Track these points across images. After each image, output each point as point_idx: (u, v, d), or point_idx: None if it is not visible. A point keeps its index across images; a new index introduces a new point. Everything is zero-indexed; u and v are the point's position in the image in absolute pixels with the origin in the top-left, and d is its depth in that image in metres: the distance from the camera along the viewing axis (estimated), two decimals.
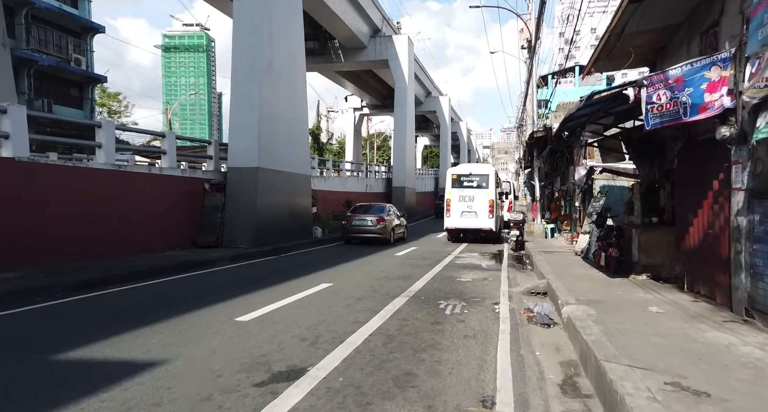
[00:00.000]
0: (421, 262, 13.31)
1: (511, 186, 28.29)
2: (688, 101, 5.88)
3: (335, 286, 9.16)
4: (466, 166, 22.14)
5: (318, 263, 12.74)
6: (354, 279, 10.08)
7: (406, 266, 12.32)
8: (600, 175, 13.53)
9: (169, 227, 13.11)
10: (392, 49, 35.68)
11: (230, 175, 14.75)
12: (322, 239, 19.10)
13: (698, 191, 7.22)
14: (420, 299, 8.09)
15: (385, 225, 18.47)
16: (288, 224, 16.39)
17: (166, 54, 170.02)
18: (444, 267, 12.35)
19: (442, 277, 10.65)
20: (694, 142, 7.57)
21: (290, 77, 16.82)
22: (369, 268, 12.00)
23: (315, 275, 10.45)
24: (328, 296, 8.15)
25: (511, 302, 8.13)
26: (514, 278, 10.92)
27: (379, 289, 8.95)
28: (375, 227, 18.24)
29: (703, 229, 7.09)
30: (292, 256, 14.31)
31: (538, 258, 12.79)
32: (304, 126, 18.13)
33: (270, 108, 15.31)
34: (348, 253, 15.30)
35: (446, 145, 60.48)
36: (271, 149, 15.29)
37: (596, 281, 8.95)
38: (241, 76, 14.91)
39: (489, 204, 19.31)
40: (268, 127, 15.13)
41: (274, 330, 5.85)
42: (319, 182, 24.00)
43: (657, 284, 8.48)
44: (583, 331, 5.10)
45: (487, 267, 12.65)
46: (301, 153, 17.84)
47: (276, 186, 15.67)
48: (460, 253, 16.06)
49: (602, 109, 7.90)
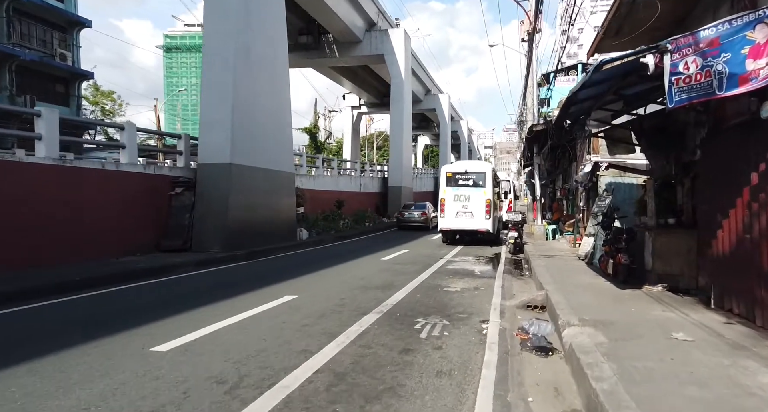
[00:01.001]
0: (408, 267, 12.03)
1: (510, 185, 26.98)
2: (725, 70, 4.59)
3: (299, 299, 7.87)
4: (461, 163, 20.84)
5: (293, 269, 11.46)
6: (325, 290, 8.79)
7: (390, 273, 11.04)
8: (606, 172, 12.22)
9: (128, 229, 11.84)
10: (388, 43, 34.41)
11: (200, 172, 13.48)
12: (308, 241, 17.83)
13: (730, 187, 5.92)
14: (395, 316, 6.80)
15: (426, 217, 25.86)
16: (267, 225, 15.12)
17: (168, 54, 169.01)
18: (432, 274, 11.07)
19: (428, 286, 9.37)
20: (723, 128, 6.27)
21: (271, 67, 15.55)
22: (348, 275, 10.72)
23: (282, 285, 9.17)
24: (285, 313, 6.87)
25: (503, 319, 6.84)
26: (510, 287, 9.63)
27: (349, 302, 7.66)
28: (420, 218, 25.81)
29: (737, 232, 5.79)
30: (267, 261, 13.03)
31: (537, 263, 11.50)
32: (287, 120, 16.84)
33: (246, 99, 14.04)
34: (330, 257, 14.03)
35: (446, 143, 59.13)
36: (247, 144, 14.02)
37: (603, 292, 7.65)
38: (213, 62, 13.63)
39: (486, 204, 18.00)
40: (243, 120, 13.85)
41: (190, 366, 4.55)
42: (308, 181, 22.74)
43: (676, 297, 7.18)
44: (591, 372, 3.81)
45: (481, 273, 11.36)
46: (284, 149, 16.57)
47: (253, 184, 14.40)
48: (454, 257, 14.77)
49: (611, 90, 6.61)
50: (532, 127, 15.00)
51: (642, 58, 4.87)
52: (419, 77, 49.26)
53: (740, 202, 5.69)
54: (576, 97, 6.61)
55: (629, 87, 7.01)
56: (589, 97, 7.04)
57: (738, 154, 5.73)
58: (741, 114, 5.74)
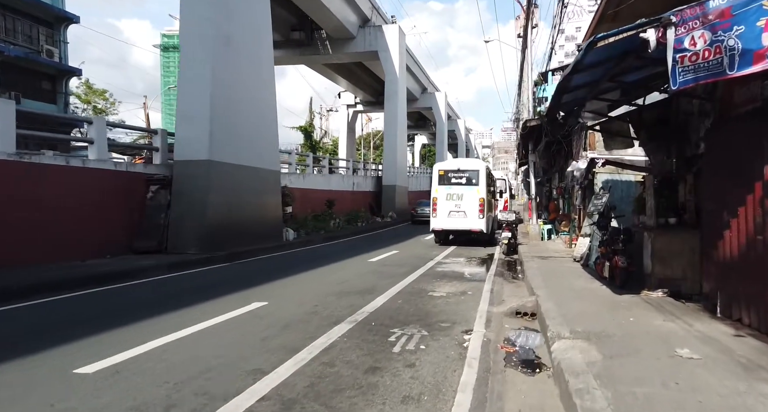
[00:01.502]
0: (395, 269, 11.41)
1: (506, 184, 26.42)
2: (737, 46, 3.97)
3: (268, 306, 7.23)
4: (454, 161, 20.20)
5: (271, 272, 10.83)
6: (299, 295, 8.16)
7: (374, 276, 10.41)
8: (602, 169, 11.58)
9: (98, 230, 11.18)
10: (382, 39, 33.75)
11: (177, 169, 12.81)
12: (295, 241, 17.18)
13: (738, 182, 5.30)
14: (369, 326, 6.16)
15: None
16: (251, 225, 14.47)
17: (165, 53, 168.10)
18: (419, 276, 10.45)
19: (412, 290, 8.73)
20: (731, 117, 5.65)
21: (254, 60, 14.89)
22: (329, 278, 10.10)
23: (255, 290, 8.53)
24: (248, 323, 6.23)
25: (489, 328, 6.21)
26: (500, 291, 9.00)
27: (323, 310, 7.03)
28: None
29: (747, 232, 5.17)
30: (247, 263, 12.38)
31: (529, 265, 10.88)
32: (273, 117, 16.18)
33: (227, 92, 13.38)
34: (315, 258, 13.40)
35: (442, 142, 58.46)
36: (227, 140, 13.37)
37: (599, 298, 7.03)
38: (190, 51, 12.95)
39: (479, 203, 17.37)
40: (223, 115, 13.19)
41: (114, 392, 3.90)
42: (297, 180, 22.09)
43: (677, 304, 6.56)
44: (581, 401, 3.19)
45: (471, 276, 10.73)
46: (269, 147, 15.92)
47: (235, 182, 13.74)
48: (445, 258, 14.15)
49: (607, 75, 5.98)
50: (526, 122, 14.39)
51: (642, 34, 4.25)
52: (415, 75, 48.63)
53: (751, 199, 5.08)
54: (569, 83, 5.98)
55: (628, 73, 6.39)
56: (583, 85, 6.42)
57: (748, 145, 5.12)
58: (752, 100, 5.13)
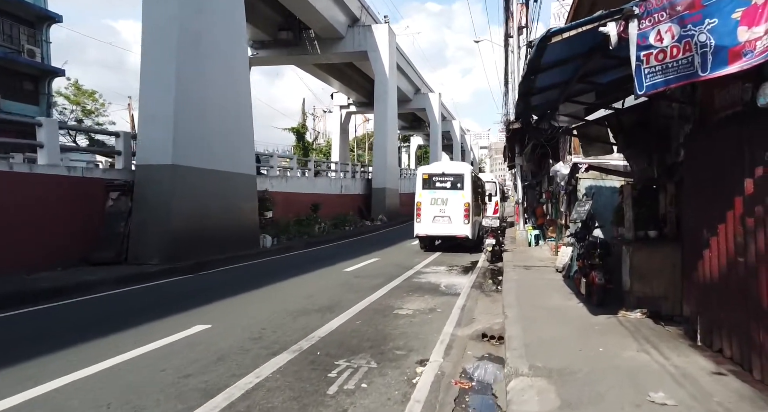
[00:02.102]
0: (368, 281, 10.82)
1: (496, 187, 25.80)
2: (710, 42, 3.38)
3: (210, 330, 6.61)
4: (438, 164, 19.63)
5: (233, 285, 10.21)
6: (252, 315, 7.54)
7: (342, 289, 9.82)
8: (586, 174, 11.02)
9: (48, 240, 10.54)
10: (371, 39, 33.17)
11: (139, 174, 12.18)
12: (272, 248, 16.56)
13: (719, 195, 4.72)
14: (314, 355, 5.55)
15: None
16: (222, 232, 13.85)
17: None
18: (391, 289, 9.85)
19: (378, 308, 8.13)
20: (712, 122, 5.06)
21: (227, 59, 14.27)
22: (294, 292, 9.50)
23: (203, 309, 7.87)
24: (176, 355, 5.59)
25: (448, 356, 5.62)
26: (472, 307, 8.42)
27: (269, 334, 6.42)
28: None
29: (728, 253, 4.58)
30: (212, 274, 11.75)
31: (509, 277, 10.30)
32: (247, 119, 15.56)
33: (195, 92, 12.76)
34: (288, 268, 12.79)
35: (436, 143, 57.90)
36: (195, 143, 12.75)
37: (572, 320, 6.43)
38: (153, 47, 12.28)
39: (464, 208, 16.78)
40: (190, 116, 12.57)
41: None
42: (279, 183, 21.48)
43: (656, 328, 5.97)
44: None
45: (446, 288, 10.14)
46: (243, 150, 15.30)
47: (203, 188, 13.13)
48: (425, 266, 13.56)
49: (577, 75, 5.38)
50: (509, 125, 13.81)
51: (602, 27, 3.65)
52: (408, 76, 48.07)
53: (731, 215, 4.49)
54: (532, 84, 5.38)
55: (601, 73, 5.81)
56: (552, 86, 5.82)
57: (728, 154, 4.53)
58: (733, 104, 4.54)
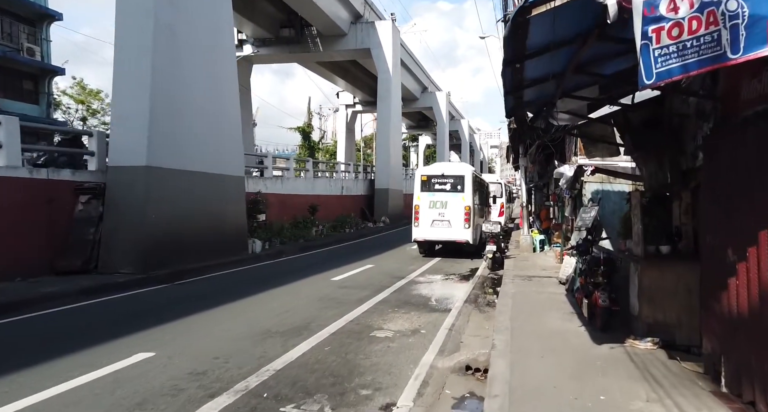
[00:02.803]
0: (353, 293, 9.97)
1: (502, 188, 24.86)
2: (742, 11, 2.48)
3: (150, 360, 5.76)
4: (438, 165, 18.72)
5: (205, 297, 9.40)
6: (206, 338, 6.69)
7: (322, 304, 8.97)
8: (592, 177, 10.08)
9: (9, 247, 9.80)
10: (374, 36, 32.30)
11: (111, 176, 11.40)
12: (262, 254, 15.76)
13: (748, 208, 3.81)
14: (257, 400, 4.66)
15: None
16: (205, 238, 13.07)
17: None
18: (376, 304, 8.99)
19: (354, 329, 7.27)
20: (738, 120, 4.14)
21: (209, 54, 13.47)
22: (267, 306, 8.68)
23: (154, 331, 6.99)
24: (91, 398, 4.72)
25: (420, 399, 4.74)
26: (461, 327, 7.55)
27: (219, 366, 5.57)
28: None
29: (760, 283, 3.66)
30: (188, 284, 10.96)
31: (506, 290, 9.40)
32: (235, 117, 14.77)
33: (173, 89, 11.96)
34: (273, 276, 11.99)
35: (443, 143, 56.91)
36: (173, 143, 11.96)
37: (570, 351, 5.53)
38: (125, 43, 11.47)
39: (465, 211, 15.88)
40: (168, 114, 11.77)
41: None
42: (274, 184, 20.68)
43: (670, 364, 5.04)
44: None
45: (437, 304, 9.26)
46: (230, 150, 14.51)
47: (183, 190, 12.34)
48: (420, 275, 12.69)
49: (571, 65, 4.47)
50: (510, 123, 12.91)
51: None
52: (414, 74, 47.13)
53: (765, 236, 3.57)
54: (520, 75, 4.48)
55: (602, 62, 4.89)
56: (546, 77, 4.92)
57: (759, 158, 3.62)
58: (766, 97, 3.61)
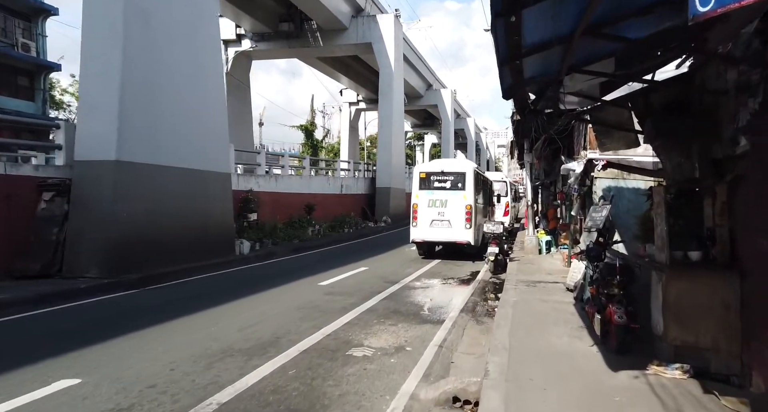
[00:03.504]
0: (339, 300, 9.02)
1: (507, 187, 23.82)
2: None
3: (72, 390, 4.78)
4: (437, 162, 17.74)
5: (168, 307, 8.48)
6: (150, 359, 5.72)
7: (300, 313, 8.02)
8: (603, 173, 9.08)
9: None
10: (376, 30, 31.33)
11: (77, 172, 10.50)
12: (251, 255, 14.84)
13: None
14: None
15: None
16: (185, 239, 12.17)
17: None
18: (360, 314, 8.02)
19: (329, 346, 6.30)
20: None
21: (189, 41, 12.51)
22: (237, 316, 7.73)
23: (90, 351, 6.01)
24: None
25: None
26: (455, 343, 6.58)
27: (149, 398, 4.60)
28: None
29: None
30: (159, 290, 10.04)
31: (507, 298, 8.41)
32: (220, 110, 13.84)
33: (147, 79, 11.05)
34: (256, 281, 11.08)
35: (448, 141, 55.84)
36: (147, 136, 11.05)
37: (580, 379, 4.54)
38: (93, 25, 10.53)
39: (466, 210, 14.88)
40: (141, 105, 10.86)
41: None
42: (267, 182, 19.76)
43: (705, 400, 4.05)
44: None
45: (429, 313, 8.29)
46: (214, 145, 13.58)
47: (158, 188, 11.43)
48: (416, 279, 11.71)
49: (584, 18, 3.46)
50: (513, 115, 11.90)
51: None
52: (419, 71, 46.13)
53: None
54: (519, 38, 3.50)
55: (623, 20, 3.89)
56: (550, 42, 3.93)
57: None
58: None
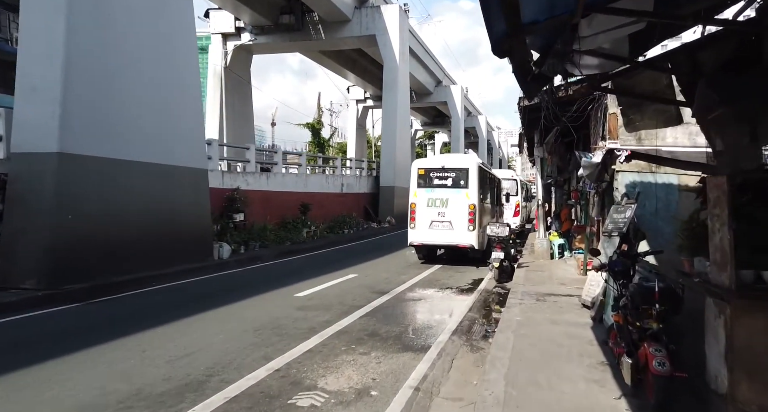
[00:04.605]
0: (311, 317, 7.59)
1: (517, 185, 22.18)
2: None
3: None
4: (438, 157, 16.28)
5: (103, 327, 7.12)
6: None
7: (257, 335, 6.58)
8: (627, 165, 7.50)
9: None
10: (380, 21, 29.83)
11: (14, 166, 9.12)
12: (231, 260, 13.44)
13: None
14: None
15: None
16: (149, 242, 10.80)
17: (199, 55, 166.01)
18: (328, 338, 6.56)
19: (269, 388, 4.83)
20: None
21: (158, 14, 11.12)
22: (176, 343, 6.28)
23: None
24: None
25: None
26: (437, 380, 5.08)
27: None
28: None
29: None
30: (105, 303, 8.61)
31: (509, 317, 6.91)
32: (192, 97, 12.41)
33: (101, 57, 9.65)
34: (225, 290, 9.72)
35: (458, 139, 54.15)
36: (101, 125, 9.66)
37: None
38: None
39: (469, 211, 13.34)
40: (90, 88, 9.45)
41: None
42: (257, 180, 18.33)
43: None
44: None
45: (413, 336, 6.79)
46: (187, 137, 12.16)
47: (115, 184, 10.01)
48: (409, 289, 10.24)
49: None
50: (521, 100, 10.32)
51: None
52: (427, 67, 44.58)
53: None
54: None
55: None
56: None
57: None
58: None
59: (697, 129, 7.74)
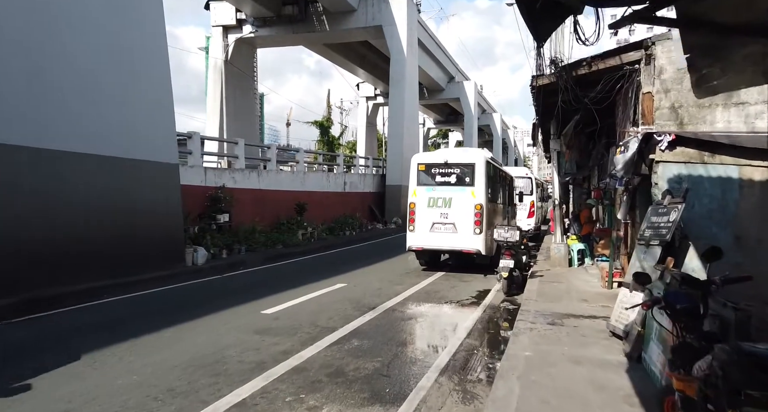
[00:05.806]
0: (265, 348, 6.04)
1: (532, 184, 20.37)
2: None
3: None
4: (440, 151, 14.58)
5: (26, 359, 5.62)
6: None
7: (183, 377, 5.03)
8: (670, 154, 5.82)
9: None
10: (387, 11, 28.23)
11: None
12: (206, 266, 11.96)
13: None
14: None
15: None
16: (99, 248, 9.34)
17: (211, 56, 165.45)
18: (275, 380, 5.00)
19: None
20: None
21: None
22: (61, 390, 4.77)
23: None
24: None
25: None
26: None
27: None
28: None
29: None
30: (17, 326, 7.13)
31: (513, 353, 5.26)
32: (161, 82, 10.92)
33: (29, 24, 8.20)
34: (175, 308, 8.21)
35: (471, 136, 52.26)
36: (32, 112, 8.21)
37: None
38: None
39: (475, 212, 11.68)
40: (16, 70, 8.02)
41: None
42: (246, 178, 16.84)
43: None
44: None
45: (388, 377, 5.17)
46: (152, 127, 10.69)
47: (53, 180, 8.58)
48: (401, 303, 8.66)
49: None
50: (534, 79, 8.62)
51: None
52: (439, 62, 42.90)
53: None
54: None
55: None
56: None
57: None
58: None
59: (756, 110, 6.03)
